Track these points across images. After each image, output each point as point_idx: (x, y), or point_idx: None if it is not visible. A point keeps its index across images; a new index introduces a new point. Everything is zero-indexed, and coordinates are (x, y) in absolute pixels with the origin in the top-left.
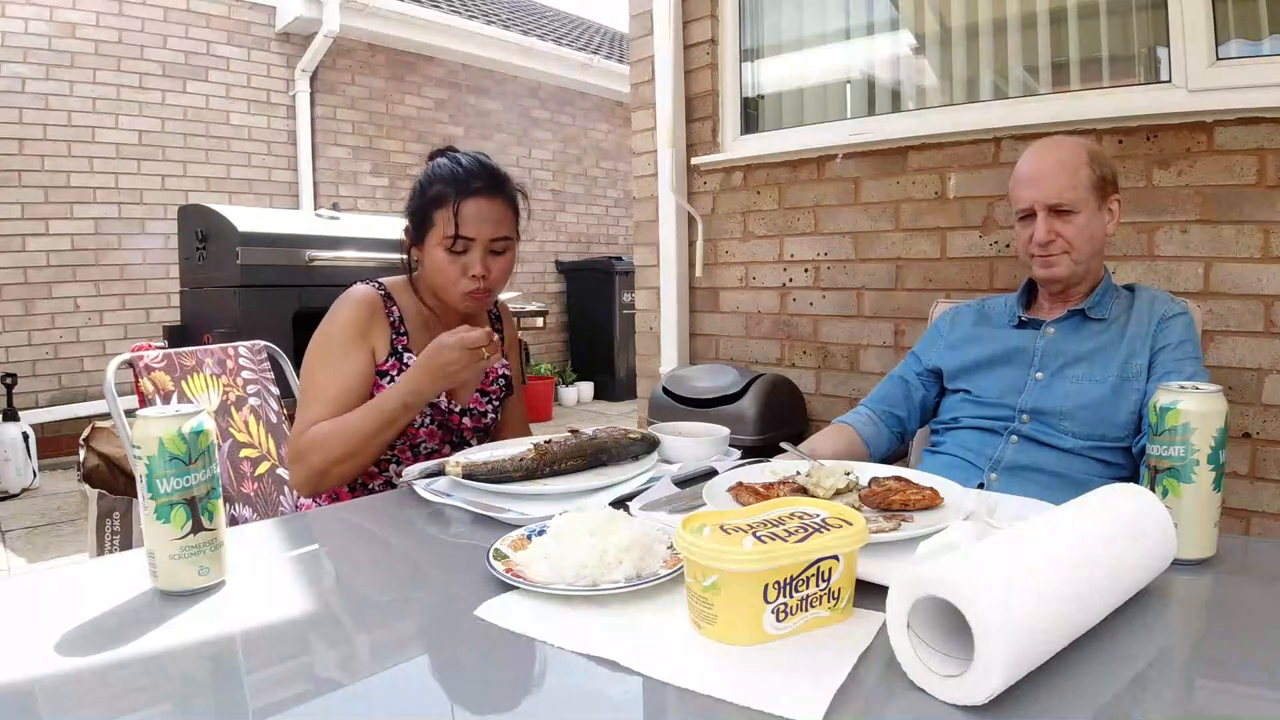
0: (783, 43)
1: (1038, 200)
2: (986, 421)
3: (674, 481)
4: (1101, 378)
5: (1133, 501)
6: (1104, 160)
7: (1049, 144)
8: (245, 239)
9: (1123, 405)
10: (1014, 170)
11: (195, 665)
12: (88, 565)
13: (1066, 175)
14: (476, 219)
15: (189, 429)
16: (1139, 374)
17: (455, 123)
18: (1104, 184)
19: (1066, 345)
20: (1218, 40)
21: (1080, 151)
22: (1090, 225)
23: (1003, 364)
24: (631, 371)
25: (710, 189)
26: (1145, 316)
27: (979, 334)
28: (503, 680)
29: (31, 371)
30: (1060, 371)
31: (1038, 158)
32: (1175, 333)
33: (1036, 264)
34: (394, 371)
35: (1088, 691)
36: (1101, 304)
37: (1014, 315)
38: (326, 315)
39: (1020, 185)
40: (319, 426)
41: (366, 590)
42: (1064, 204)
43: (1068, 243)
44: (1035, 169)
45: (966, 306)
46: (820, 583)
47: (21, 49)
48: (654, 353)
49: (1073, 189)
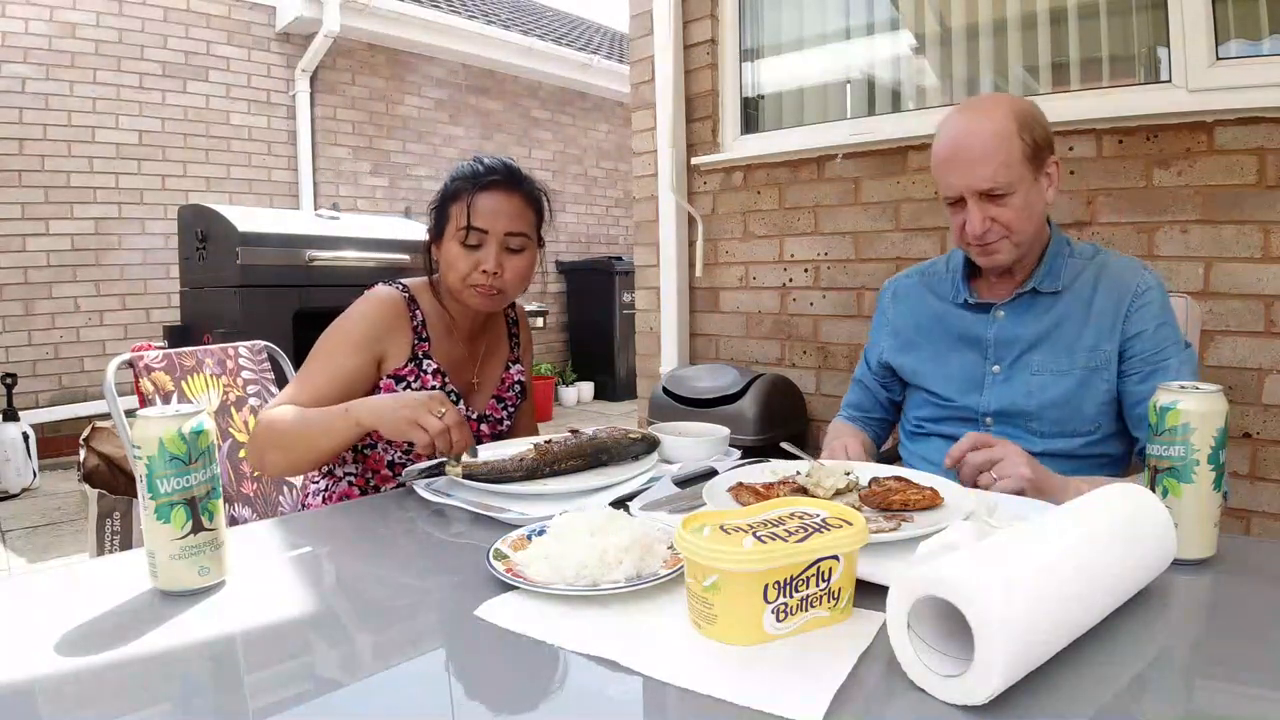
0: (783, 43)
1: (967, 187)
2: (950, 426)
3: (674, 481)
4: (1065, 367)
5: (1133, 501)
6: (1034, 121)
7: (971, 115)
8: (245, 239)
9: (1089, 399)
10: (934, 148)
11: (195, 665)
12: (88, 565)
13: (997, 154)
14: (490, 212)
15: (189, 429)
16: (1107, 363)
17: (455, 123)
18: (1038, 150)
19: (1021, 329)
20: (1218, 40)
21: (1008, 121)
22: (1028, 202)
23: (956, 353)
24: (631, 371)
25: (710, 189)
26: (1113, 293)
27: (926, 320)
28: (503, 680)
29: (31, 371)
30: (1019, 361)
31: (962, 134)
32: (1149, 315)
33: (974, 254)
34: (410, 377)
35: (1088, 691)
36: (1051, 273)
37: (959, 293)
38: (347, 309)
39: (945, 169)
40: (284, 409)
41: (366, 590)
42: (997, 188)
43: (1005, 227)
44: (960, 150)
45: (907, 280)
46: (820, 583)
47: (21, 49)
48: (654, 353)
49: (1005, 168)
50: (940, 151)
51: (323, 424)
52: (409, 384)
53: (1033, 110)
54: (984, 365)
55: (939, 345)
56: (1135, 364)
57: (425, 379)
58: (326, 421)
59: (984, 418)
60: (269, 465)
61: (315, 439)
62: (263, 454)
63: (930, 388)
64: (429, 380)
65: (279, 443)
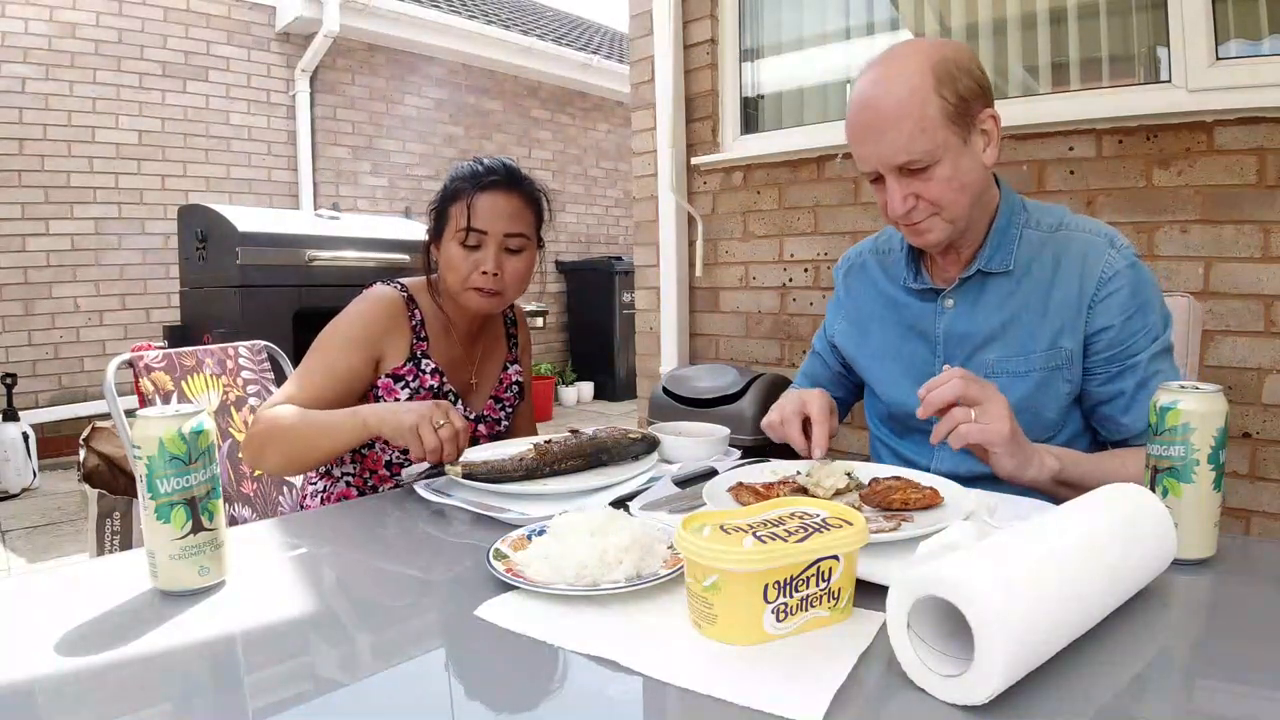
0: (782, 43)
1: (880, 161)
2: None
3: (674, 481)
4: (1023, 368)
5: (1132, 501)
6: (956, 70)
7: (881, 75)
8: (245, 239)
9: (1050, 401)
10: (847, 115)
11: (195, 665)
12: (88, 565)
13: (910, 121)
14: (490, 213)
15: (189, 429)
16: (1069, 361)
17: (455, 123)
18: (964, 107)
19: (972, 322)
20: (1218, 40)
21: (921, 76)
22: (959, 170)
23: (904, 344)
24: (631, 371)
25: (710, 189)
26: (1076, 277)
27: (878, 305)
28: (503, 680)
29: (31, 371)
30: (972, 359)
31: (868, 98)
32: (1115, 306)
33: (905, 233)
34: (409, 376)
35: (1088, 691)
36: (1001, 251)
37: (906, 276)
38: (346, 308)
39: (854, 141)
40: (284, 408)
41: (366, 590)
42: (915, 160)
43: (932, 204)
44: (867, 117)
45: (858, 256)
46: (820, 583)
47: (21, 49)
48: (654, 353)
49: (922, 135)
50: (849, 120)
51: (326, 425)
52: (407, 383)
53: (955, 56)
54: (934, 361)
55: (889, 335)
56: (1099, 363)
57: (424, 378)
58: (330, 423)
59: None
60: (266, 463)
61: (316, 439)
62: (260, 451)
63: (876, 388)
64: (427, 380)
65: (278, 441)
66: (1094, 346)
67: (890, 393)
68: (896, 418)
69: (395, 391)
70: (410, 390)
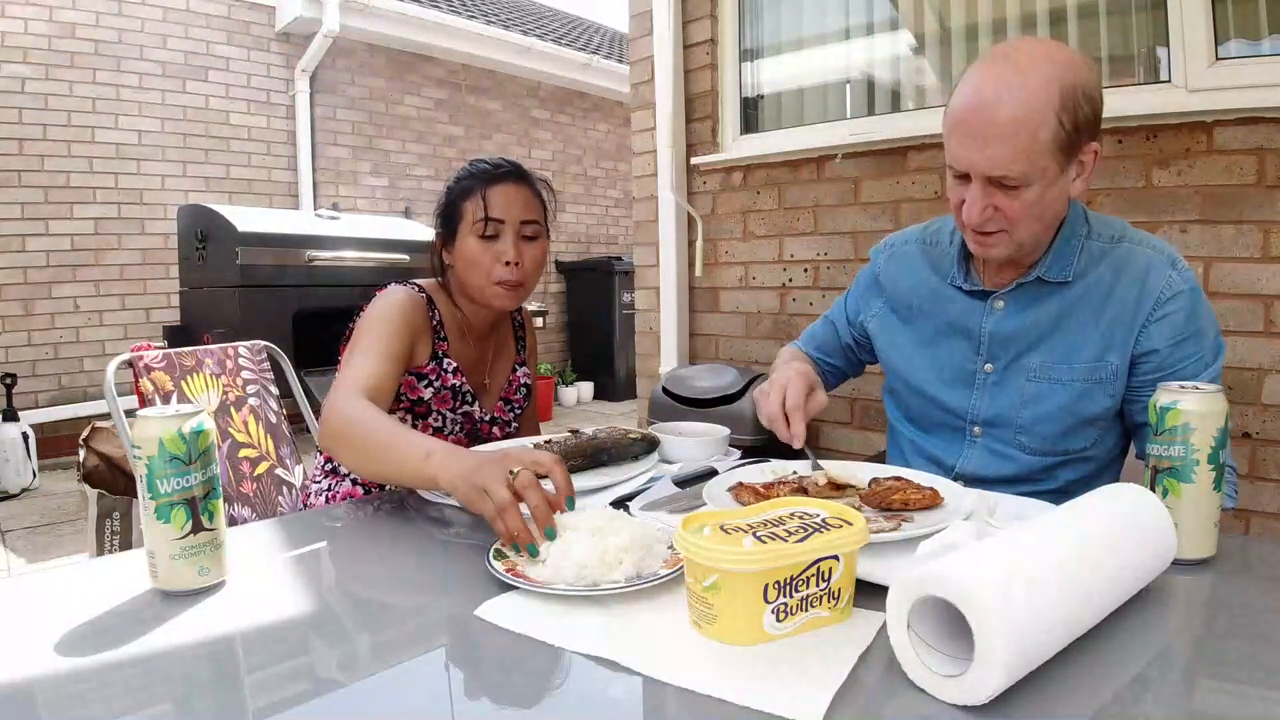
0: (782, 43)
1: (974, 168)
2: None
3: (674, 481)
4: (1065, 376)
5: (1133, 501)
6: (1081, 96)
7: (1007, 78)
8: (245, 239)
9: (1090, 413)
10: (951, 102)
11: (195, 665)
12: (88, 565)
13: (1021, 140)
14: (505, 202)
15: (189, 429)
16: (1113, 377)
17: (455, 123)
18: (1075, 136)
19: (1020, 324)
20: (1217, 40)
21: (1048, 97)
22: (1045, 197)
23: (943, 339)
24: (631, 371)
25: (710, 189)
26: (1134, 293)
27: (921, 297)
28: (503, 680)
29: (31, 371)
30: (1015, 363)
31: (986, 99)
32: (1170, 329)
33: (968, 238)
34: (432, 375)
35: (1088, 691)
36: (1060, 262)
37: (956, 275)
38: (373, 304)
39: (956, 136)
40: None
41: (366, 590)
42: (1009, 178)
43: (1007, 219)
44: (977, 123)
45: (905, 245)
46: (820, 583)
47: (21, 49)
48: (654, 353)
49: (1026, 158)
50: (955, 112)
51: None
52: (430, 381)
53: (1085, 80)
54: (977, 362)
55: (927, 329)
56: (1145, 384)
57: (445, 377)
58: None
59: (972, 426)
60: (342, 462)
61: (384, 469)
62: (335, 450)
63: (904, 377)
64: (449, 379)
65: (354, 449)
66: (1141, 366)
67: (921, 386)
68: (921, 413)
69: (419, 389)
70: (434, 389)
